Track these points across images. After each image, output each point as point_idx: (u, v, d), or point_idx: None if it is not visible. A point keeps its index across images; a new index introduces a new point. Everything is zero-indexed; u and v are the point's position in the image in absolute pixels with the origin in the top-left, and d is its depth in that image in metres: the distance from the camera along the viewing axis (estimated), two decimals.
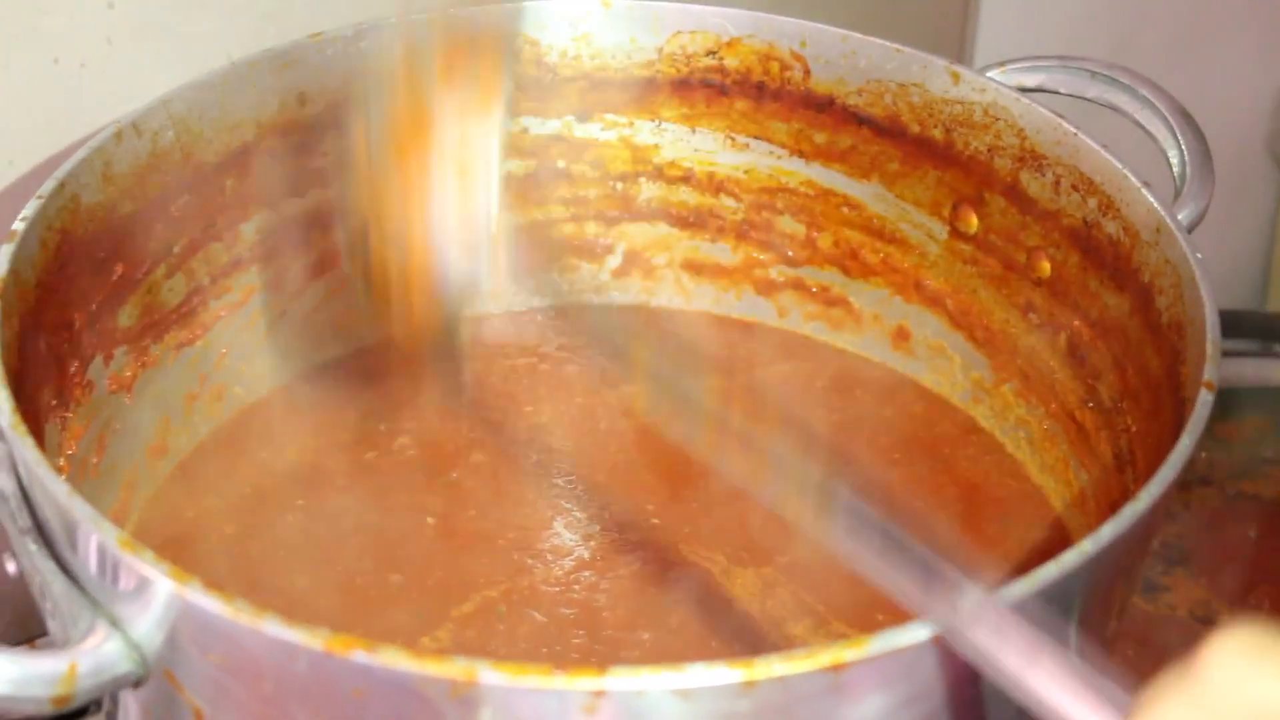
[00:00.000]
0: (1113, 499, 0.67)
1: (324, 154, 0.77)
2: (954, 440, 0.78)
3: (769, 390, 0.80)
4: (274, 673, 0.49)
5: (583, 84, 0.81)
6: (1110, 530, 0.52)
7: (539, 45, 0.80)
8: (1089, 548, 0.52)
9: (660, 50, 0.81)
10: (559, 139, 0.82)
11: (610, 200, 0.84)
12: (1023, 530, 0.73)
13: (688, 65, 0.81)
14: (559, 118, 0.81)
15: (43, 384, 0.63)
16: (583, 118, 0.82)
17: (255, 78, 0.74)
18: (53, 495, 0.53)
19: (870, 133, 0.79)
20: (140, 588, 0.50)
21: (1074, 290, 0.73)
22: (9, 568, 0.59)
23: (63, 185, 0.65)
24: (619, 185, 0.83)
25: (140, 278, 0.70)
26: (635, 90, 0.81)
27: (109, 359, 0.69)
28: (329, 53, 0.75)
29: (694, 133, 0.82)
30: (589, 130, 0.82)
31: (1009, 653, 0.46)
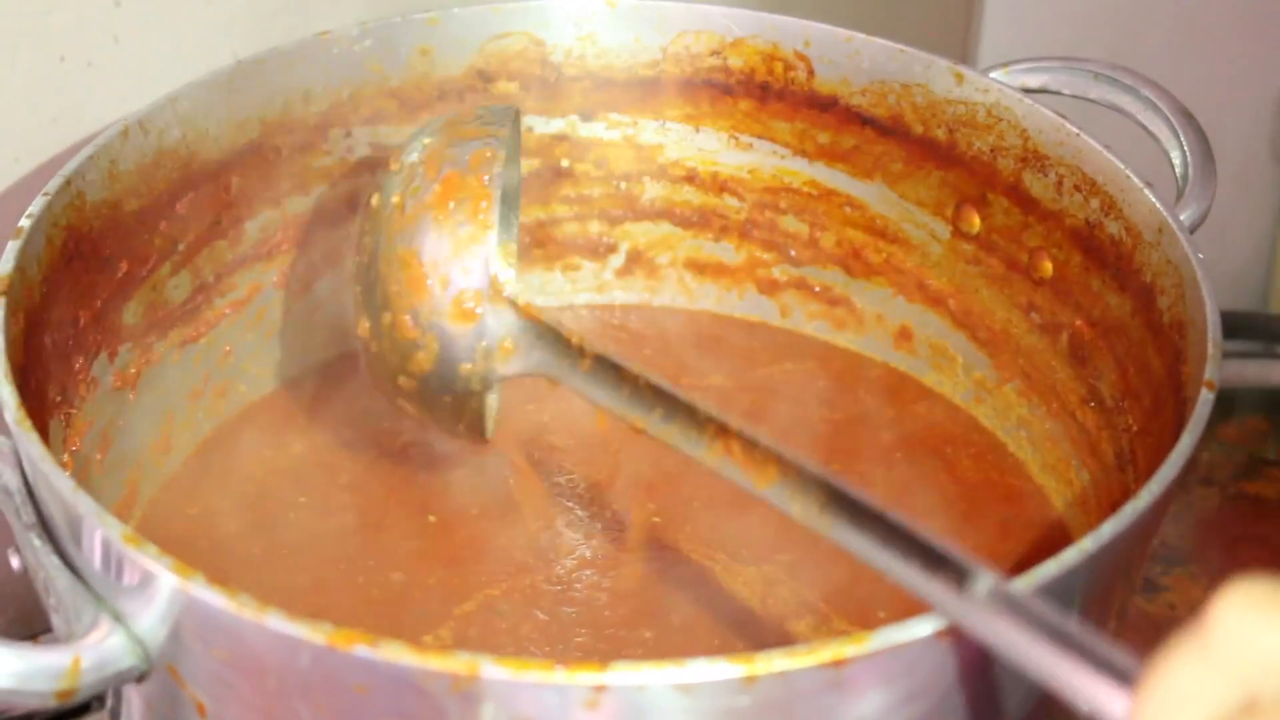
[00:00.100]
0: (1114, 498, 0.67)
1: (328, 152, 0.77)
2: (956, 440, 0.78)
3: (771, 389, 0.80)
4: (277, 668, 0.49)
5: (587, 83, 0.81)
6: (1111, 528, 0.52)
7: (544, 45, 0.80)
8: (1089, 545, 0.52)
9: (665, 50, 0.81)
10: (563, 138, 0.82)
11: (614, 199, 0.84)
12: (1024, 529, 0.73)
13: (692, 65, 0.81)
14: (563, 117, 0.81)
15: (47, 380, 0.63)
16: (587, 117, 0.82)
17: (261, 76, 0.74)
18: (57, 491, 0.53)
19: (873, 133, 0.79)
20: (144, 582, 0.50)
21: (1076, 290, 0.73)
22: (13, 563, 0.59)
23: (69, 182, 0.65)
24: (623, 185, 0.83)
25: (145, 275, 0.70)
26: (639, 90, 0.81)
27: (113, 356, 0.69)
28: (334, 52, 0.75)
29: (698, 132, 0.82)
30: (593, 129, 0.82)
31: (1020, 636, 0.45)
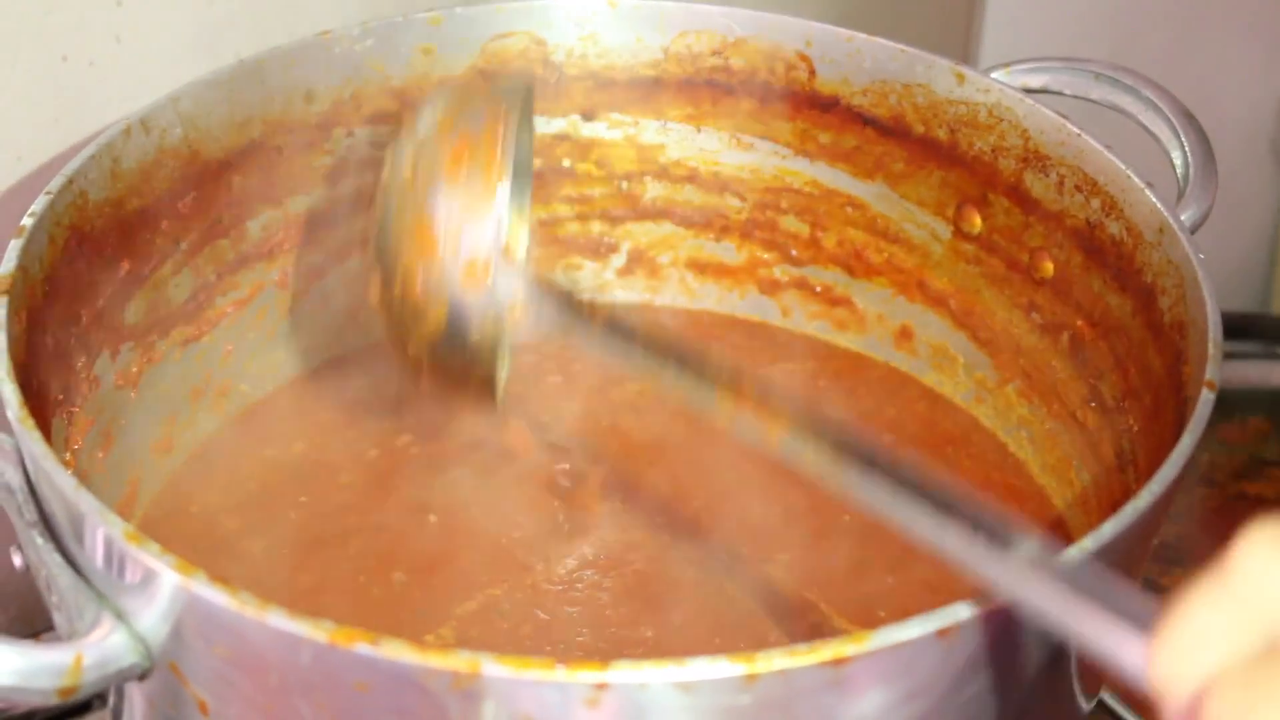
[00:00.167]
0: (1114, 498, 0.67)
1: (330, 152, 0.77)
2: (956, 440, 0.78)
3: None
4: (278, 665, 0.49)
5: (589, 83, 0.81)
6: (1111, 528, 0.52)
7: (545, 45, 0.80)
8: (1090, 545, 0.51)
9: (666, 50, 0.81)
10: (564, 138, 0.82)
11: (615, 199, 0.84)
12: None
13: (693, 65, 0.81)
14: (564, 116, 0.81)
15: (50, 379, 0.63)
16: (588, 117, 0.82)
17: (262, 76, 0.74)
18: (60, 489, 0.53)
19: (875, 133, 0.79)
20: (146, 580, 0.50)
21: (1077, 290, 0.73)
22: (15, 561, 0.59)
23: (71, 181, 0.66)
24: (624, 184, 0.83)
25: (147, 274, 0.70)
26: (641, 90, 0.81)
27: (115, 355, 0.69)
28: (336, 51, 0.75)
29: (699, 132, 0.82)
30: (595, 129, 0.82)
31: (1064, 602, 0.45)
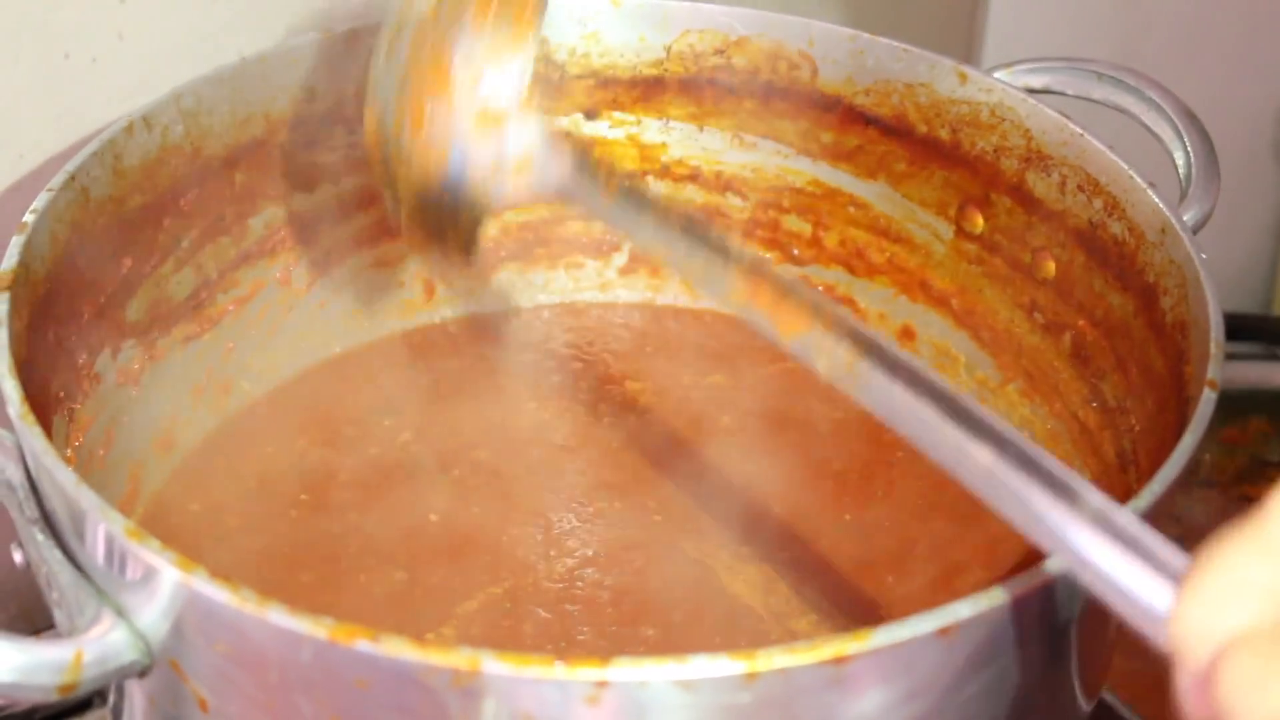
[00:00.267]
0: (1116, 498, 0.66)
1: (332, 149, 0.77)
2: None
3: (773, 389, 0.80)
4: (279, 662, 0.49)
5: (591, 82, 0.81)
6: None
7: (548, 43, 0.80)
8: None
9: (669, 49, 0.81)
10: (566, 137, 0.82)
11: None
12: None
13: (696, 64, 0.81)
14: (567, 115, 0.81)
15: (51, 376, 0.63)
16: (591, 115, 0.82)
17: (265, 73, 0.74)
18: (61, 485, 0.53)
19: (877, 132, 0.79)
20: (147, 577, 0.50)
21: (1079, 290, 0.73)
22: (16, 558, 0.59)
23: (73, 178, 0.66)
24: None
25: (149, 271, 0.70)
26: (643, 88, 0.81)
27: (117, 352, 0.69)
28: (338, 49, 0.75)
29: (701, 131, 0.82)
30: (597, 128, 0.82)
31: (1131, 559, 0.44)
